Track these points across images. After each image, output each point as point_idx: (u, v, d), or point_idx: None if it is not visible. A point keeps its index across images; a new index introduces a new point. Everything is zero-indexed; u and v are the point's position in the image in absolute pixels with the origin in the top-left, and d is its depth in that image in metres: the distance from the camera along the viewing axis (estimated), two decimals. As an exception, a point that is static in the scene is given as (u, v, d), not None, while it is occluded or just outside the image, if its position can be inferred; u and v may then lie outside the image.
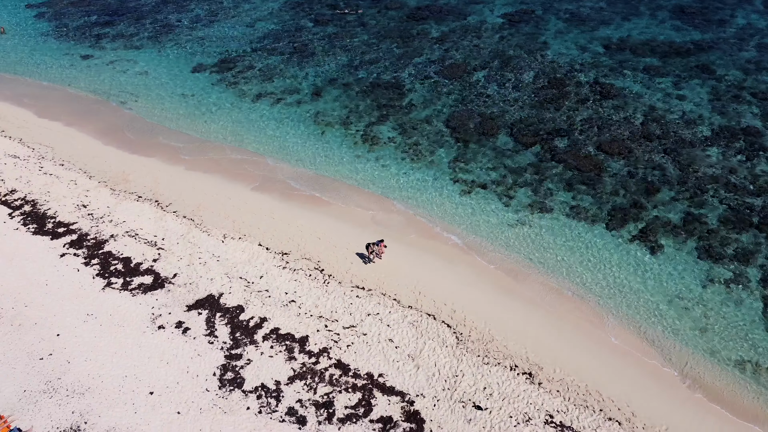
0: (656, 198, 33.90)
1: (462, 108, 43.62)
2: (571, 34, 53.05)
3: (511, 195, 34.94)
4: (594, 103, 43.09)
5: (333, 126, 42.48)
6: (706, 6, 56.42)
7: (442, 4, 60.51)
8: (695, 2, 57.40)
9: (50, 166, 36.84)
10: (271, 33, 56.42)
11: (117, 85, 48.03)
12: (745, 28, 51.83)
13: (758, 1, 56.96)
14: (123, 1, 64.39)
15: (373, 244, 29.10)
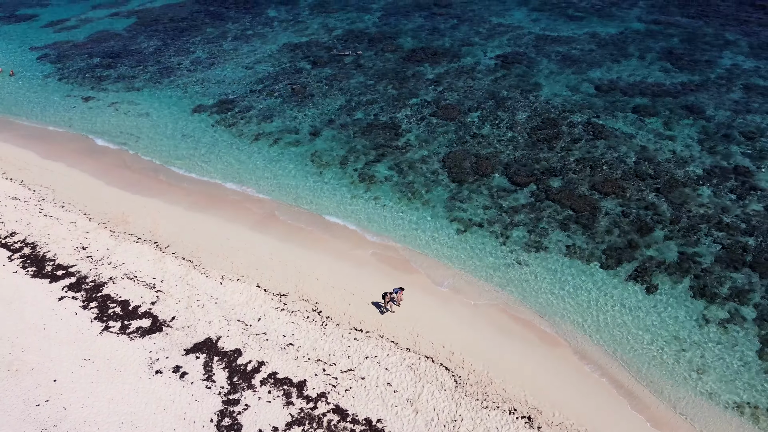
0: (650, 237, 34.35)
1: (457, 148, 44.40)
2: (562, 75, 54.42)
3: (507, 234, 35.34)
4: (587, 143, 43.96)
5: (331, 166, 43.12)
6: (693, 48, 58.12)
7: (436, 46, 62.13)
8: (682, 44, 59.15)
9: (50, 207, 37.17)
10: (270, 75, 57.67)
11: (118, 127, 48.81)
12: (731, 70, 53.30)
13: (743, 43, 58.72)
14: (125, 44, 65.89)
15: (391, 293, 28.72)
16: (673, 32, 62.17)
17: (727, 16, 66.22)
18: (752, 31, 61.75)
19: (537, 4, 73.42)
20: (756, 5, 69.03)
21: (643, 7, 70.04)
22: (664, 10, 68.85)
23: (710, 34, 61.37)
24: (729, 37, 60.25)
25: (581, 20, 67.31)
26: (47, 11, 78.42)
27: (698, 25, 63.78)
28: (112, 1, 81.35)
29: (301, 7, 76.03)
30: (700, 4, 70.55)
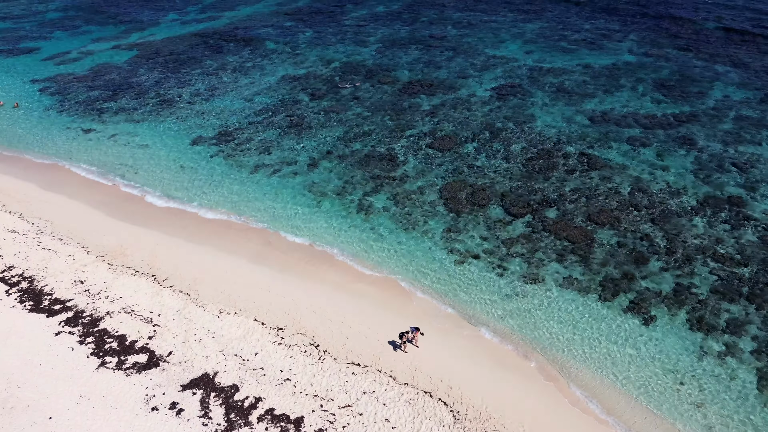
0: (646, 268, 34.54)
1: (454, 179, 44.84)
2: (556, 106, 55.32)
3: (504, 266, 35.50)
4: (581, 173, 44.47)
5: (328, 196, 43.45)
6: (684, 79, 59.29)
7: (432, 78, 63.22)
8: (673, 76, 60.34)
9: (49, 240, 37.27)
10: (268, 107, 58.45)
11: (117, 158, 49.23)
12: (722, 101, 54.31)
13: (733, 75, 59.96)
14: (126, 77, 66.85)
15: (407, 333, 28.49)
16: (663, 64, 63.50)
17: (716, 48, 67.74)
18: (741, 62, 63.11)
19: (531, 36, 75.05)
20: (744, 38, 70.66)
21: (634, 40, 71.65)
22: (655, 43, 70.42)
23: (700, 66, 62.70)
24: (719, 69, 61.55)
25: (574, 52, 68.73)
26: (49, 44, 79.71)
27: (688, 58, 65.19)
28: (114, 35, 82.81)
29: (300, 41, 77.48)
30: (689, 36, 72.25)
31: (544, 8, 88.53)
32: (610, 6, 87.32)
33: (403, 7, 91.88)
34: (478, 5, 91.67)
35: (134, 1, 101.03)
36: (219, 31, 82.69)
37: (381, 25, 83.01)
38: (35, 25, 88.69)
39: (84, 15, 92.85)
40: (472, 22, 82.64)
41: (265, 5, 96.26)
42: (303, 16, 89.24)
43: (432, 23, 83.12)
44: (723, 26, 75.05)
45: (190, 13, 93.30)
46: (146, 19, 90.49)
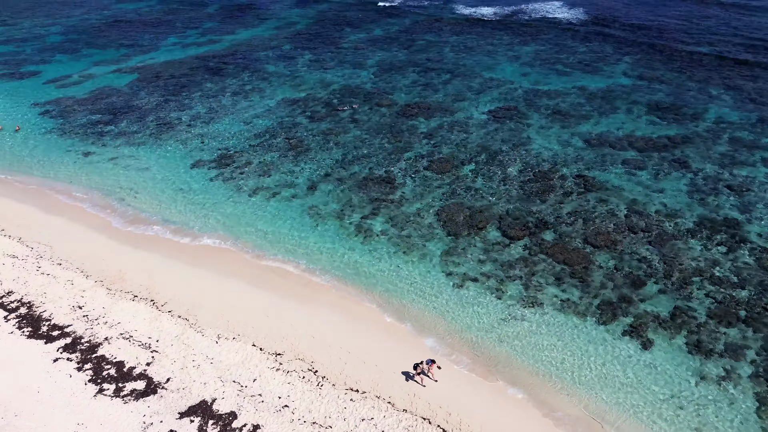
0: (644, 291, 34.68)
1: (451, 201, 45.14)
2: (553, 129, 55.92)
3: (502, 289, 35.59)
4: (578, 195, 44.81)
5: (327, 219, 43.66)
6: (678, 101, 60.05)
7: (430, 101, 63.93)
8: (668, 98, 61.13)
9: (48, 265, 37.35)
10: (268, 129, 58.97)
11: (117, 181, 49.52)
12: (717, 123, 54.96)
13: (727, 97, 60.74)
14: (126, 100, 67.50)
15: (421, 364, 28.00)
16: (658, 87, 64.35)
17: (709, 71, 68.70)
18: (735, 85, 63.98)
19: (526, 59, 76.09)
20: (737, 60, 71.70)
21: (629, 63, 72.68)
22: (649, 66, 71.42)
23: (694, 88, 63.55)
24: (712, 92, 62.37)
25: (569, 75, 69.65)
26: (51, 67, 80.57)
27: (682, 80, 66.07)
28: (115, 58, 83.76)
29: (299, 64, 78.45)
30: (683, 59, 73.29)
31: (539, 31, 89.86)
32: (605, 30, 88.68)
33: (401, 31, 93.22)
34: (475, 28, 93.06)
35: (135, 25, 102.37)
36: (219, 54, 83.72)
37: (379, 48, 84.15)
38: (37, 48, 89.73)
39: (85, 38, 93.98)
40: (468, 45, 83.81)
41: (264, 29, 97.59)
42: (302, 39, 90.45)
43: (429, 46, 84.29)
44: (716, 51, 76.17)
45: (191, 37, 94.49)
46: (147, 42, 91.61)
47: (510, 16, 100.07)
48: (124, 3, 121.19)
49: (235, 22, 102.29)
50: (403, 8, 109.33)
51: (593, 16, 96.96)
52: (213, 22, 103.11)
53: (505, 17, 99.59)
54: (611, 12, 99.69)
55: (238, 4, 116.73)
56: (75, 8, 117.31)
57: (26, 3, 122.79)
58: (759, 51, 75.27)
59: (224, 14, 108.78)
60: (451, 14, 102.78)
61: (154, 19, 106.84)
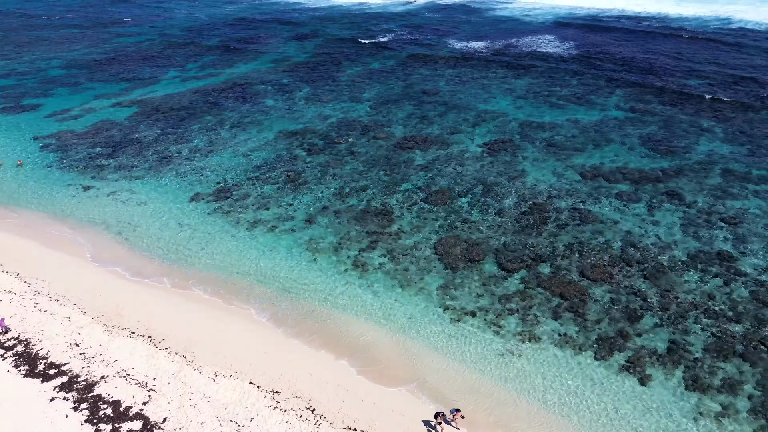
0: (640, 325, 34.82)
1: (448, 234, 45.49)
2: (547, 161, 56.71)
3: (500, 324, 35.68)
4: (573, 228, 45.25)
5: (325, 253, 43.87)
6: (670, 135, 61.11)
7: (426, 133, 64.87)
8: (660, 131, 62.21)
9: (45, 302, 37.34)
10: (266, 162, 59.60)
11: (116, 216, 49.77)
12: (708, 155, 55.87)
13: (718, 130, 61.85)
14: (126, 133, 68.25)
15: (442, 414, 27.52)
16: (650, 119, 65.55)
17: (700, 104, 70.05)
18: (725, 117, 65.22)
19: (520, 92, 77.51)
20: (728, 92, 73.18)
21: (621, 96, 74.12)
22: (640, 98, 72.84)
23: (685, 121, 64.73)
24: (703, 124, 63.53)
25: (563, 108, 70.91)
26: (51, 101, 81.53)
27: (673, 113, 67.34)
28: (115, 91, 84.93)
29: (297, 97, 79.67)
30: (673, 92, 74.79)
31: (532, 64, 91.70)
32: (596, 64, 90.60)
33: (397, 64, 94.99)
34: (469, 62, 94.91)
35: (136, 59, 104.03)
36: (218, 87, 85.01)
37: (375, 81, 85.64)
38: (38, 82, 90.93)
39: (86, 72, 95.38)
40: (463, 78, 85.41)
41: (262, 62, 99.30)
42: (300, 72, 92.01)
43: (425, 79, 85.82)
44: (706, 83, 77.82)
45: (190, 71, 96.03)
46: (147, 76, 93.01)
47: (502, 50, 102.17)
48: (125, 37, 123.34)
49: (234, 56, 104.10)
50: (398, 43, 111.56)
51: (584, 51, 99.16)
52: (212, 56, 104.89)
53: (497, 51, 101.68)
54: (602, 47, 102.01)
55: (237, 38, 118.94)
56: (76, 42, 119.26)
57: (28, 37, 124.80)
58: (747, 84, 76.90)
59: (223, 48, 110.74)
60: (446, 48, 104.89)
61: (155, 53, 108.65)
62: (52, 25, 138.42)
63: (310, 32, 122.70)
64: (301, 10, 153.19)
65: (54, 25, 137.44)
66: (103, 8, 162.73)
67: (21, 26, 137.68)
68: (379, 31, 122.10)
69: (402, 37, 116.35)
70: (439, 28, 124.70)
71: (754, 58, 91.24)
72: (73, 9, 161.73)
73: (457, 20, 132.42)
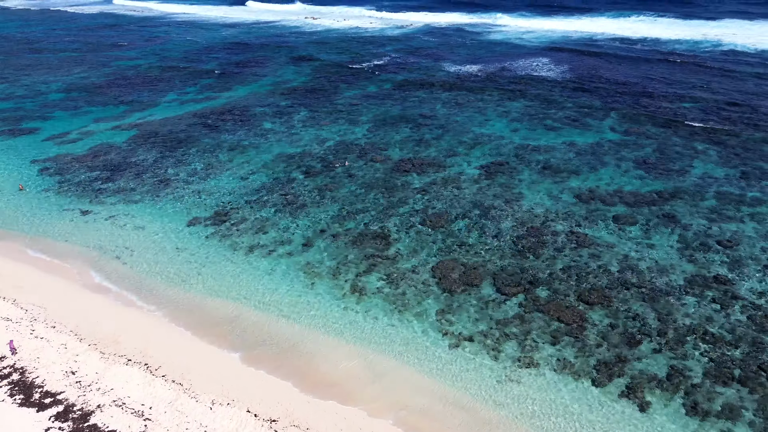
0: (639, 350, 34.77)
1: (446, 257, 45.58)
2: (543, 184, 57.10)
3: (498, 349, 35.60)
4: (571, 251, 45.40)
5: (322, 277, 43.85)
6: (665, 157, 61.71)
7: (423, 156, 65.33)
8: (655, 154, 62.83)
9: (42, 328, 37.11)
10: (264, 185, 59.82)
11: (114, 240, 49.73)
12: (703, 178, 56.38)
13: (712, 152, 62.51)
14: (124, 157, 68.50)
15: None
16: (645, 142, 66.25)
17: (695, 126, 70.86)
18: (719, 140, 65.95)
19: (516, 115, 78.32)
20: (721, 115, 74.14)
21: (615, 118, 74.98)
22: (635, 120, 73.69)
23: (679, 143, 65.44)
24: (698, 147, 64.22)
25: (558, 130, 71.64)
26: (50, 124, 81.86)
27: (667, 135, 68.11)
28: (114, 115, 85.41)
29: (295, 120, 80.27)
30: (667, 113, 75.71)
31: (527, 87, 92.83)
32: (591, 86, 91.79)
33: (394, 87, 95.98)
34: (465, 84, 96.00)
35: (135, 82, 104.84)
36: (216, 111, 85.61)
37: (373, 104, 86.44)
38: (37, 105, 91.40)
39: (85, 96, 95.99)
40: (459, 101, 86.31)
41: (261, 86, 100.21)
42: (298, 96, 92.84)
43: (421, 102, 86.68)
44: (698, 105, 78.86)
45: (189, 94, 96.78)
46: (146, 99, 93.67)
47: (498, 74, 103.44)
48: (124, 61, 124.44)
49: (232, 80, 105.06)
50: (394, 66, 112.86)
51: (578, 74, 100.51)
52: (211, 79, 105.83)
53: (493, 74, 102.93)
54: (596, 70, 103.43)
55: (236, 62, 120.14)
56: (75, 65, 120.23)
57: (28, 60, 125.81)
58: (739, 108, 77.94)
59: (223, 71, 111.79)
60: (441, 72, 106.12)
61: (153, 76, 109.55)
62: (51, 49, 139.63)
63: (308, 56, 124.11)
64: (298, 34, 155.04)
65: (53, 49, 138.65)
66: (101, 32, 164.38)
67: (21, 50, 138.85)
68: (376, 55, 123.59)
69: (398, 60, 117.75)
70: (435, 51, 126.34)
71: (746, 82, 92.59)
72: (72, 33, 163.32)
73: (453, 43, 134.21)
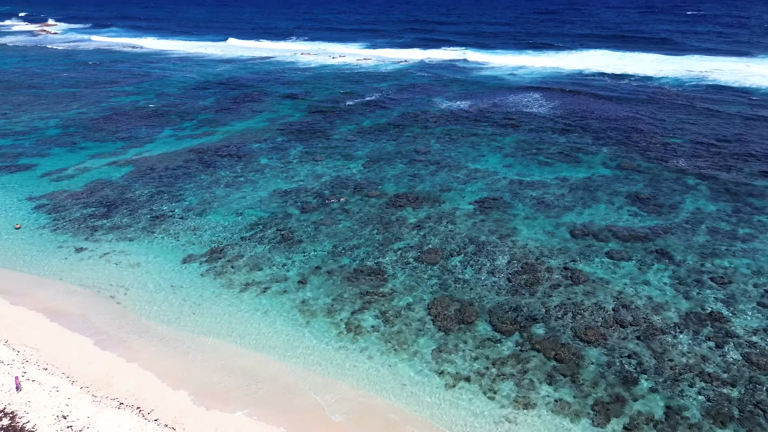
0: (636, 389, 34.65)
1: (442, 294, 45.65)
2: (538, 219, 57.59)
3: (494, 389, 35.39)
4: (566, 288, 45.55)
5: (317, 315, 43.72)
6: (657, 192, 62.50)
7: (417, 191, 65.92)
8: (647, 189, 63.63)
9: (33, 370, 36.66)
10: (260, 221, 60.04)
11: (108, 278, 49.55)
12: (695, 213, 57.03)
13: (703, 187, 63.38)
14: (120, 193, 68.76)
15: None
16: (636, 177, 67.15)
17: (686, 161, 72.00)
18: (710, 175, 66.95)
19: (509, 150, 79.40)
20: (710, 151, 75.41)
21: (607, 153, 76.09)
22: (627, 155, 74.81)
23: (671, 178, 66.36)
24: (689, 182, 65.12)
25: (551, 165, 72.58)
26: (46, 161, 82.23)
27: (659, 170, 69.10)
28: (111, 151, 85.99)
29: (291, 155, 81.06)
30: (658, 149, 76.96)
31: (520, 122, 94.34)
32: (582, 122, 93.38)
33: (389, 122, 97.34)
34: (459, 119, 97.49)
35: (132, 117, 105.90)
36: (213, 146, 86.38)
37: (368, 139, 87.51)
38: (34, 141, 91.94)
39: (83, 132, 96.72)
40: (453, 136, 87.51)
41: (257, 121, 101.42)
42: (294, 131, 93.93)
43: (416, 137, 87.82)
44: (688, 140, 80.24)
45: (186, 129, 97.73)
46: (143, 135, 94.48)
47: (491, 109, 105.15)
48: (122, 96, 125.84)
49: (228, 115, 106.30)
50: (389, 102, 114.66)
51: (569, 109, 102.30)
52: (208, 114, 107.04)
53: (486, 110, 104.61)
54: (587, 105, 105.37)
55: (232, 97, 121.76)
56: (73, 101, 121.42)
57: (25, 96, 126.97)
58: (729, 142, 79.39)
59: (219, 106, 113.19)
60: (436, 107, 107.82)
61: (151, 111, 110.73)
62: (49, 84, 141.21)
63: (303, 91, 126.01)
64: (293, 70, 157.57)
65: (51, 85, 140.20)
66: (98, 68, 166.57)
67: (19, 85, 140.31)
68: (371, 91, 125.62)
69: (393, 95, 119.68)
70: (429, 87, 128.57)
71: (732, 117, 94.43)
72: (70, 69, 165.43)
73: (447, 79, 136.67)
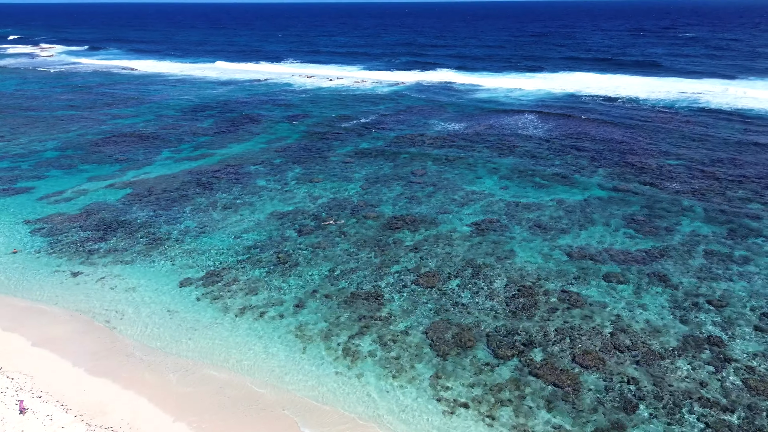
0: (635, 416, 34.39)
1: (439, 318, 45.49)
2: (534, 242, 57.70)
3: (493, 416, 35.08)
4: (563, 312, 45.46)
5: (314, 340, 43.47)
6: (652, 215, 62.79)
7: (415, 213, 66.10)
8: (642, 211, 63.94)
9: (28, 398, 36.21)
10: (257, 244, 59.98)
11: (104, 303, 49.27)
12: (690, 236, 57.24)
13: (698, 209, 63.71)
14: (117, 215, 68.74)
15: None
16: (632, 199, 67.52)
17: (681, 183, 72.50)
18: (705, 197, 67.34)
19: (505, 172, 79.87)
20: (705, 172, 76.00)
21: (603, 175, 76.60)
22: (622, 177, 75.32)
23: (667, 200, 66.73)
24: (685, 203, 65.48)
25: (547, 188, 72.97)
26: (44, 183, 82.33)
27: (654, 192, 69.52)
28: (109, 173, 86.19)
29: (288, 178, 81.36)
30: (653, 171, 77.52)
31: (516, 144, 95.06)
32: (577, 144, 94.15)
33: (386, 144, 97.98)
34: (456, 141, 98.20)
35: (130, 140, 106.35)
36: (211, 169, 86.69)
37: (365, 161, 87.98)
38: (32, 164, 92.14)
39: (81, 154, 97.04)
40: (449, 158, 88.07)
41: (255, 143, 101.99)
42: (291, 153, 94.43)
43: (413, 159, 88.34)
44: (682, 162, 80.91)
45: (184, 151, 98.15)
46: (141, 157, 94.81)
47: (486, 131, 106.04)
48: (120, 118, 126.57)
49: (226, 137, 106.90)
50: (386, 123, 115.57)
51: (564, 131, 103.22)
52: (206, 137, 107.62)
53: (482, 131, 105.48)
54: (582, 127, 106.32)
55: (230, 119, 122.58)
56: (72, 123, 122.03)
57: (24, 119, 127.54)
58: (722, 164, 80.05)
59: (217, 128, 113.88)
60: (432, 129, 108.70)
61: (149, 133, 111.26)
62: (47, 107, 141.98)
63: (301, 113, 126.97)
64: (290, 92, 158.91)
65: (50, 107, 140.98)
66: (97, 90, 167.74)
67: (18, 107, 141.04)
68: (367, 113, 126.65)
69: (390, 117, 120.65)
70: (425, 108, 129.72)
71: (726, 139, 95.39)
72: (68, 91, 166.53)
73: (442, 101, 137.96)
